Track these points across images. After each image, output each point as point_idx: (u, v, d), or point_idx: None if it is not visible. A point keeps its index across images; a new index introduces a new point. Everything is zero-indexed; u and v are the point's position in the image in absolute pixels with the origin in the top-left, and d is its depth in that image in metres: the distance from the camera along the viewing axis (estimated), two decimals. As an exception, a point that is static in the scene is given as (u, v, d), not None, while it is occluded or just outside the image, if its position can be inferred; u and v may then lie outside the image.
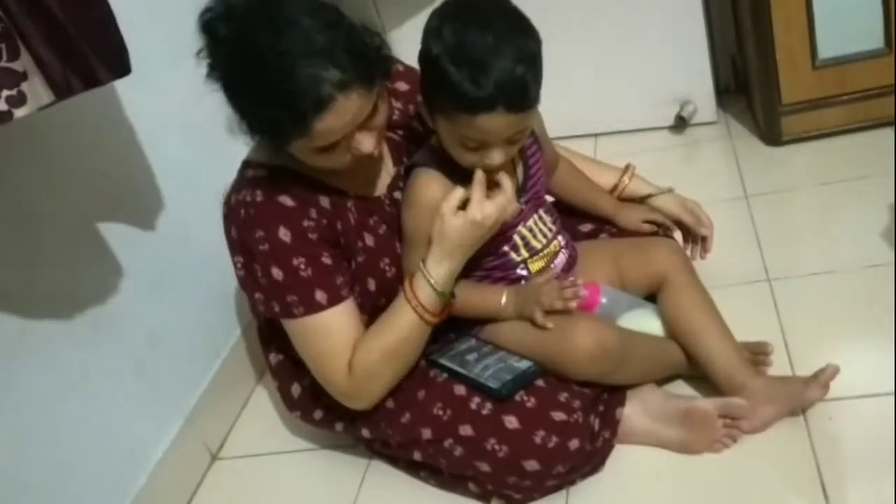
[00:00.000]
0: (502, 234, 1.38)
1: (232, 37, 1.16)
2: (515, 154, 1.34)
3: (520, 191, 1.40)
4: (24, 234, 1.28)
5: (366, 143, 1.23)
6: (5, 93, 1.03)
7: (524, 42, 1.18)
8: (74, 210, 1.38)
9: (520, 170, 1.41)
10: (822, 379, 1.30)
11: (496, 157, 1.24)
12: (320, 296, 1.28)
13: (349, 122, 1.18)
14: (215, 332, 1.74)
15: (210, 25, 1.17)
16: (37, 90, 1.06)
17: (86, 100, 1.38)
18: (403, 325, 1.30)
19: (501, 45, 1.15)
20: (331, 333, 1.30)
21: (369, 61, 1.18)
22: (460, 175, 1.30)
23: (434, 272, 1.29)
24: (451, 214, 1.26)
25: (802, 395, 1.31)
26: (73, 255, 1.37)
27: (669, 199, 1.61)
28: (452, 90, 1.17)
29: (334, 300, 1.29)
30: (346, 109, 1.16)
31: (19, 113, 1.04)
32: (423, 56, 1.20)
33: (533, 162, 1.43)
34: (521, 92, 1.17)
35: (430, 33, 1.19)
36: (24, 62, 1.05)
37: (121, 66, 1.18)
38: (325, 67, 1.12)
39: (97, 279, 1.41)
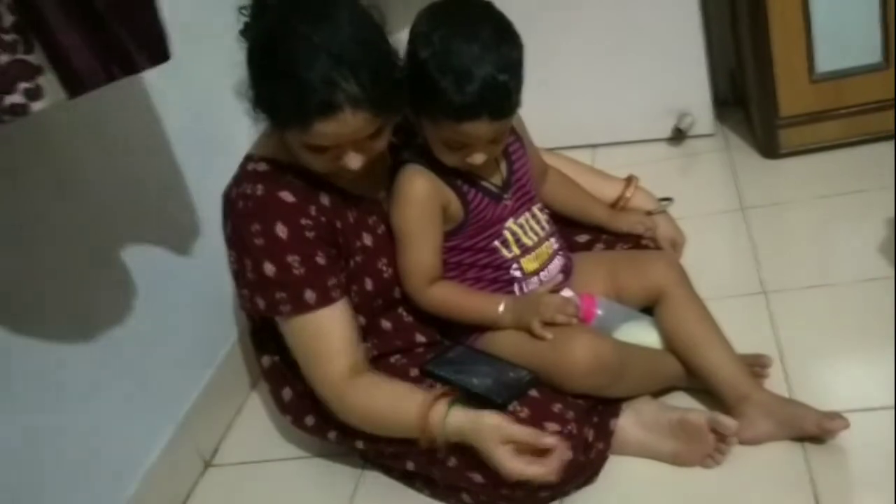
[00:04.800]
0: (492, 227, 1.40)
1: (276, 9, 1.18)
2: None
3: (504, 185, 1.43)
4: (18, 237, 1.28)
5: (354, 161, 1.25)
6: (22, 85, 1.00)
7: (508, 50, 1.23)
8: (70, 215, 1.37)
9: (503, 165, 1.44)
10: (826, 424, 1.26)
11: (478, 157, 1.30)
12: (309, 295, 1.28)
13: (347, 136, 1.20)
14: (210, 339, 1.73)
15: None
16: (53, 85, 1.04)
17: (85, 106, 1.39)
18: (401, 415, 1.28)
19: (486, 55, 1.20)
20: (320, 336, 1.31)
21: (388, 91, 1.20)
22: (447, 170, 1.36)
23: (453, 421, 1.24)
24: (500, 444, 1.20)
25: (802, 422, 1.28)
26: (68, 260, 1.36)
27: (663, 221, 1.63)
28: (438, 97, 1.21)
29: (324, 301, 1.29)
30: (348, 123, 1.17)
31: (36, 106, 1.02)
32: (410, 59, 1.23)
33: (516, 158, 1.46)
34: (504, 100, 1.23)
35: (419, 38, 1.24)
36: (38, 56, 1.02)
37: (160, 53, 1.13)
38: (346, 77, 1.14)
39: (92, 285, 1.41)
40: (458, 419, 1.23)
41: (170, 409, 1.58)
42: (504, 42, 1.23)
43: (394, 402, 1.29)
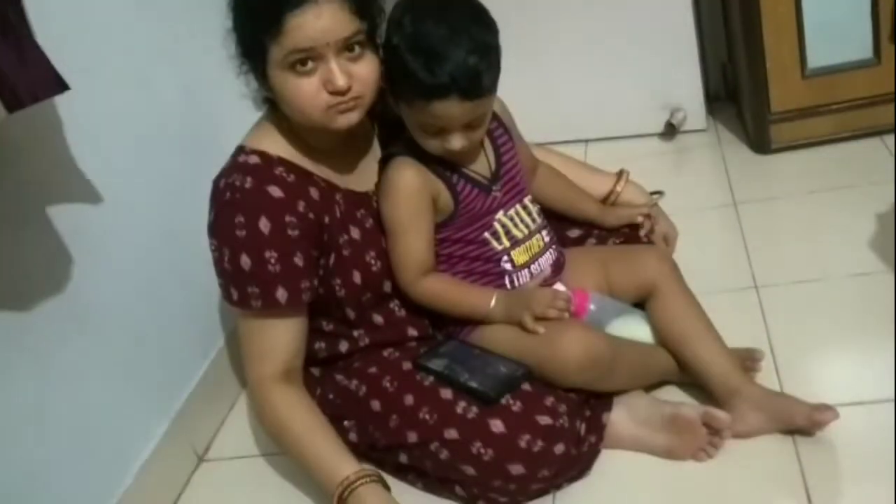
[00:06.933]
0: (482, 219, 1.41)
1: None
2: (483, 139, 1.40)
3: (493, 177, 1.43)
4: (13, 233, 1.28)
5: (340, 78, 1.23)
6: None
7: (480, 33, 1.25)
8: (63, 210, 1.37)
9: (491, 157, 1.44)
10: (816, 416, 1.27)
11: (455, 141, 1.31)
12: (281, 294, 1.30)
13: (323, 31, 1.20)
14: (203, 333, 1.73)
15: None
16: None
17: (78, 99, 1.39)
18: (311, 452, 1.31)
19: (457, 36, 1.22)
20: (266, 336, 1.34)
21: None
22: (435, 162, 1.37)
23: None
24: None
25: (792, 415, 1.29)
26: (62, 255, 1.36)
27: (657, 216, 1.64)
28: (409, 78, 1.24)
29: (293, 302, 1.31)
30: (321, 14, 1.19)
31: None
32: (385, 45, 1.26)
33: (505, 150, 1.46)
34: (474, 81, 1.24)
35: (393, 23, 1.27)
36: None
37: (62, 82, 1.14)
38: None
39: (86, 279, 1.40)
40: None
41: (163, 403, 1.58)
42: (475, 25, 1.25)
43: (311, 439, 1.31)
